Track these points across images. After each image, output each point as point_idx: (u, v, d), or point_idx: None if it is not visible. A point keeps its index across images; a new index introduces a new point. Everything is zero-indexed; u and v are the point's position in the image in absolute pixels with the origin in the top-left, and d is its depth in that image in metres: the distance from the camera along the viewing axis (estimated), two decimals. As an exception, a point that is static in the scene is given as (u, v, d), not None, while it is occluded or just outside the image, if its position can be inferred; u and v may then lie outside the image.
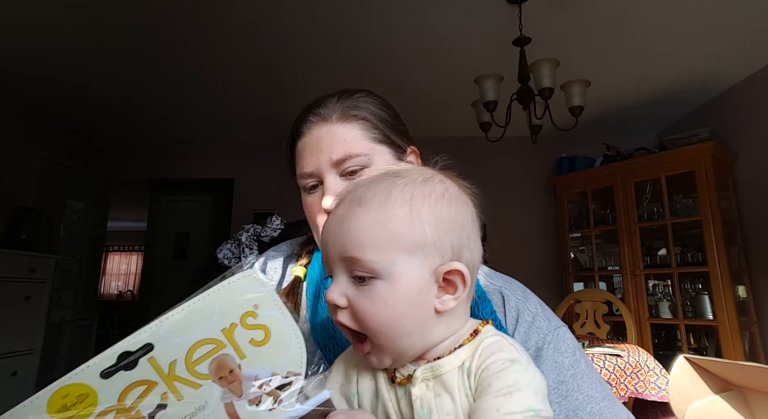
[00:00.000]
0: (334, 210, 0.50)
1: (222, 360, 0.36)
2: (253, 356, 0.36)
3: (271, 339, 0.37)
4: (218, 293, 0.35)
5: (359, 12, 2.47)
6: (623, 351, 1.86)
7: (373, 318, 0.45)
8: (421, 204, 0.48)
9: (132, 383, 0.33)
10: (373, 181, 0.50)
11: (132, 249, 9.49)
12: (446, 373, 0.45)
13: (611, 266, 3.68)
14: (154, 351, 0.34)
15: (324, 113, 0.71)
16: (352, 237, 0.46)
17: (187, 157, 4.49)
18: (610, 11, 2.43)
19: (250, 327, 0.36)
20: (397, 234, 0.46)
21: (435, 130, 4.01)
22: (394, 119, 0.75)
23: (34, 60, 3.00)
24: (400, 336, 0.46)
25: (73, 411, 0.32)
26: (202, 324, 0.35)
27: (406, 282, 0.45)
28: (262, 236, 0.93)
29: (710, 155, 3.09)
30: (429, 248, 0.46)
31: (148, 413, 0.33)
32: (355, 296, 0.45)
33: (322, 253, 0.50)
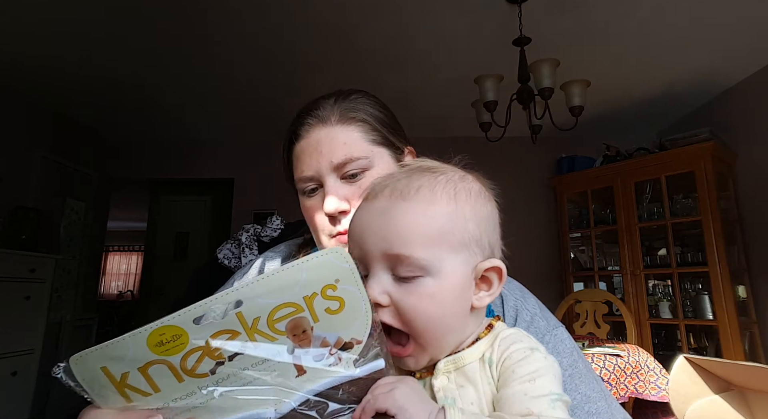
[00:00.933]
0: (368, 203, 0.48)
1: (298, 321, 0.40)
2: (326, 321, 0.40)
3: (344, 309, 0.40)
4: (307, 264, 0.39)
5: (359, 12, 2.47)
6: (623, 351, 1.86)
7: (421, 316, 0.44)
8: (464, 201, 0.48)
9: (219, 330, 0.38)
10: (411, 174, 0.49)
11: (132, 249, 9.49)
12: (468, 365, 0.46)
13: (611, 266, 3.68)
14: (242, 307, 0.38)
15: (322, 115, 0.70)
16: (400, 233, 0.44)
17: (187, 157, 4.49)
18: (610, 11, 2.43)
19: (328, 297, 0.40)
20: (445, 231, 0.46)
21: (435, 130, 4.01)
22: (391, 119, 0.75)
23: (34, 60, 3.00)
24: (446, 333, 0.46)
25: (167, 346, 0.37)
26: (287, 290, 0.39)
27: (452, 279, 0.46)
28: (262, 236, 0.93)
29: (710, 155, 3.09)
30: (472, 245, 0.47)
31: (228, 355, 0.38)
32: (400, 294, 0.44)
33: (355, 248, 0.48)
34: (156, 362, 0.37)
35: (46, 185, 3.64)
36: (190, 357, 0.38)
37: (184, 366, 0.38)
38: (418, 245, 0.44)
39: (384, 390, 0.41)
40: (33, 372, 3.07)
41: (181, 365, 0.38)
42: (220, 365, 0.38)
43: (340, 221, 0.67)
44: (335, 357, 0.41)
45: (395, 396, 0.40)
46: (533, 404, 0.40)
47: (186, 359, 0.38)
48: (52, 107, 3.71)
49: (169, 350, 0.37)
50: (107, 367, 0.37)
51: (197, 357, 0.38)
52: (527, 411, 0.40)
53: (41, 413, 3.42)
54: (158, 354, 0.37)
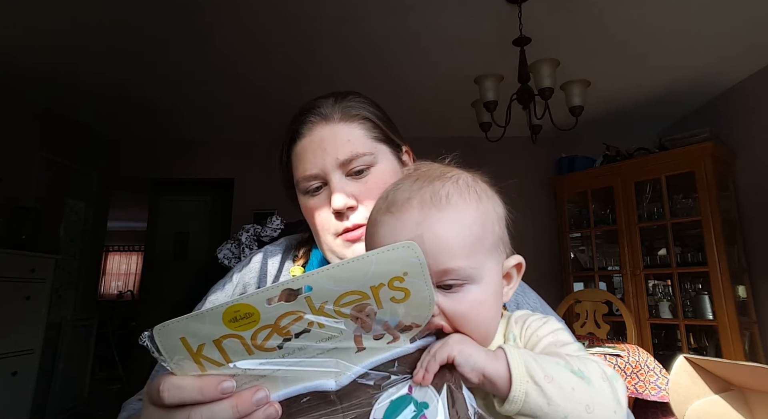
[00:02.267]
0: (395, 216, 0.47)
1: (363, 307, 0.41)
2: (389, 308, 0.42)
3: (409, 299, 0.42)
4: (378, 257, 0.40)
5: (359, 12, 2.47)
6: (623, 351, 1.86)
7: (473, 323, 0.45)
8: (487, 203, 0.49)
9: (288, 311, 0.40)
10: (433, 181, 0.48)
11: (132, 249, 9.49)
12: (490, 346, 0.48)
13: (611, 266, 3.68)
14: (312, 292, 0.40)
15: (325, 113, 0.70)
16: (443, 247, 0.44)
17: (187, 157, 4.49)
18: (610, 11, 2.43)
19: (395, 288, 0.41)
20: (480, 236, 0.47)
21: (435, 130, 4.01)
22: (388, 118, 0.75)
23: (34, 60, 3.00)
24: (492, 330, 0.48)
25: (240, 323, 0.40)
26: (356, 279, 0.40)
27: (492, 281, 0.47)
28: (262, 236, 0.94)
29: (710, 155, 3.09)
30: (500, 245, 0.49)
31: (295, 333, 0.41)
32: (448, 303, 0.45)
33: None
34: (229, 336, 0.40)
35: (46, 185, 3.64)
36: (261, 333, 0.40)
37: (255, 341, 0.41)
38: (461, 255, 0.45)
39: (439, 345, 0.43)
40: (33, 372, 3.07)
41: (252, 340, 0.41)
42: (287, 341, 0.41)
43: (348, 217, 0.67)
44: (391, 335, 0.43)
45: (451, 343, 0.42)
46: (565, 349, 0.45)
47: (257, 335, 0.40)
48: (52, 106, 3.71)
49: (242, 326, 0.40)
50: (185, 338, 0.40)
51: (267, 333, 0.40)
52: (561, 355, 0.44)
53: (41, 413, 3.42)
54: (232, 328, 0.40)
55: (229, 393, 0.40)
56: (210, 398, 0.40)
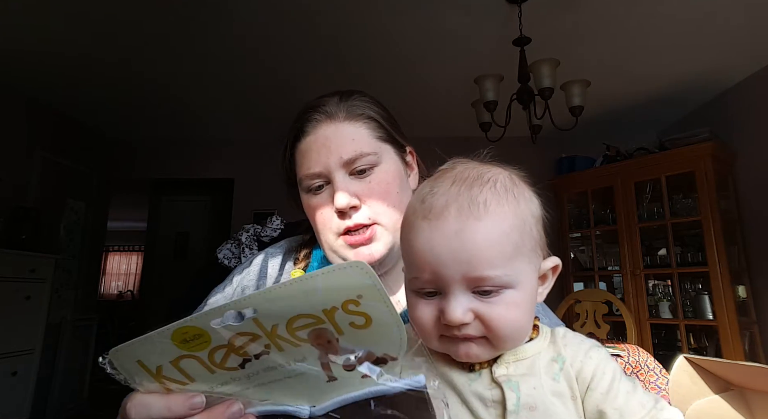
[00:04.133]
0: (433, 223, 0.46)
1: (321, 331, 0.39)
2: (352, 335, 0.39)
3: (372, 325, 0.39)
4: (324, 276, 0.36)
5: (359, 12, 2.47)
6: (623, 351, 1.86)
7: (509, 325, 0.45)
8: (525, 207, 0.49)
9: (239, 332, 0.38)
10: (471, 186, 0.48)
11: (132, 249, 9.49)
12: (528, 358, 0.48)
13: (611, 266, 3.68)
14: (257, 313, 0.37)
15: (330, 112, 0.69)
16: (481, 256, 0.44)
17: (187, 157, 4.49)
18: (610, 11, 2.43)
19: (351, 312, 0.38)
20: (519, 244, 0.46)
21: (435, 130, 4.01)
22: (392, 118, 0.75)
23: (35, 60, 3.00)
24: (525, 333, 0.48)
25: (192, 343, 0.38)
26: (303, 300, 0.37)
27: (529, 285, 0.48)
28: (262, 236, 0.93)
29: (710, 155, 3.09)
30: (537, 249, 0.49)
31: (254, 354, 0.39)
32: (485, 309, 0.45)
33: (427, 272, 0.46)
34: (185, 356, 0.39)
35: (46, 185, 3.64)
36: (217, 353, 0.39)
37: (213, 360, 0.39)
38: (499, 264, 0.45)
39: None
40: (33, 372, 3.07)
41: (209, 359, 0.39)
42: (248, 361, 0.39)
43: (351, 217, 0.67)
44: (366, 368, 0.40)
45: None
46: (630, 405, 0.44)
47: (213, 354, 0.39)
48: (52, 106, 3.71)
49: (195, 347, 0.38)
50: (142, 360, 0.39)
51: (223, 353, 0.39)
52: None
53: (41, 413, 3.42)
54: (185, 349, 0.38)
55: (198, 409, 0.39)
56: (178, 414, 0.39)
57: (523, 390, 0.45)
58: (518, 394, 0.45)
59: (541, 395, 0.45)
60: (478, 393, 0.46)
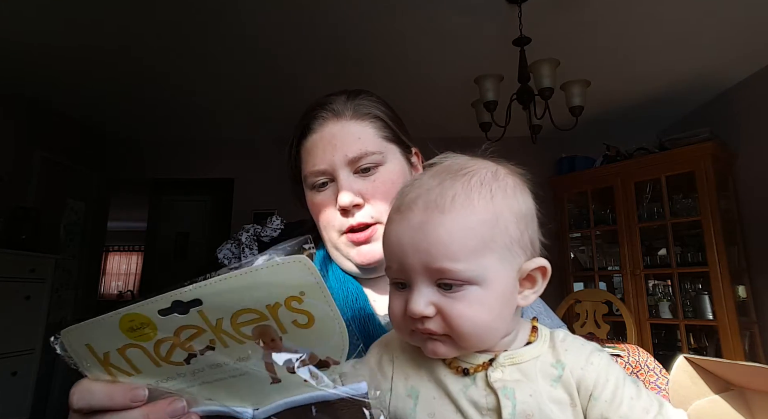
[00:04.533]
0: (402, 215, 0.47)
1: (264, 329, 0.38)
2: (295, 334, 0.39)
3: (314, 325, 0.38)
4: (267, 270, 0.36)
5: (359, 12, 2.47)
6: (623, 351, 1.86)
7: (468, 323, 0.44)
8: (501, 203, 0.47)
9: (184, 325, 0.37)
10: (444, 181, 0.47)
11: (132, 249, 9.48)
12: (525, 363, 0.46)
13: (611, 266, 3.68)
14: (203, 306, 0.37)
15: (337, 110, 0.69)
16: (442, 248, 0.44)
17: (187, 157, 4.49)
18: (610, 11, 2.43)
19: (294, 310, 0.38)
20: (487, 239, 0.45)
21: (435, 130, 4.01)
22: (399, 118, 0.75)
23: (35, 60, 3.00)
24: (492, 336, 0.46)
25: (138, 332, 0.37)
26: (246, 294, 0.37)
27: (499, 284, 0.45)
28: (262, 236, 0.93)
29: (710, 155, 3.09)
30: (514, 247, 0.46)
31: (199, 349, 0.38)
32: (446, 303, 0.44)
33: (393, 262, 0.47)
34: (131, 345, 0.38)
35: (46, 185, 3.64)
36: (162, 345, 0.38)
37: (158, 353, 0.38)
38: (461, 257, 0.44)
39: None
40: (33, 372, 3.07)
41: (155, 351, 0.38)
42: (193, 357, 0.39)
43: (354, 215, 0.67)
44: (308, 371, 0.40)
45: None
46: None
47: (159, 346, 0.38)
48: (52, 106, 3.71)
49: (141, 336, 0.37)
50: (91, 345, 0.38)
51: (169, 346, 0.38)
52: None
53: (41, 413, 3.42)
54: (131, 338, 0.38)
55: (140, 402, 0.39)
56: (119, 405, 0.39)
57: (519, 398, 0.44)
58: (514, 402, 0.44)
59: (537, 402, 0.44)
60: (473, 401, 0.45)
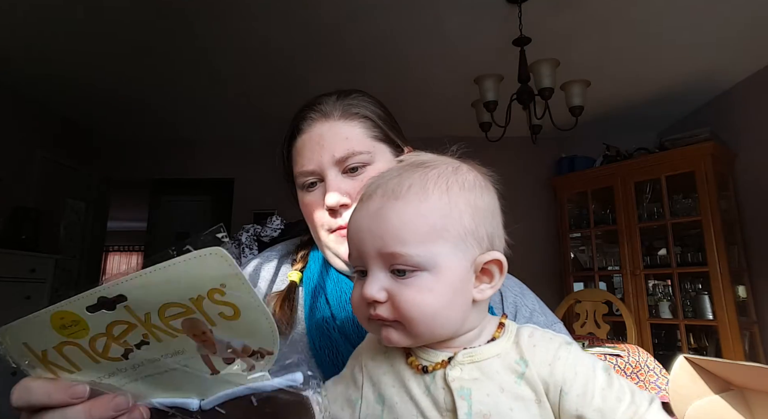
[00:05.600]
0: (363, 204, 0.48)
1: (194, 322, 0.38)
2: (224, 326, 0.38)
3: (241, 316, 0.38)
4: (184, 263, 0.35)
5: (360, 12, 2.47)
6: (623, 351, 1.86)
7: (417, 308, 0.44)
8: (457, 194, 0.47)
9: (114, 320, 0.37)
10: (403, 172, 0.49)
11: (132, 249, 9.48)
12: (485, 360, 0.46)
13: (611, 266, 3.68)
14: (128, 301, 0.36)
15: (326, 110, 0.70)
16: (393, 232, 0.45)
17: (187, 157, 4.49)
18: (610, 11, 2.43)
19: (218, 302, 0.37)
20: (439, 227, 0.46)
21: (435, 130, 4.00)
22: (391, 118, 0.75)
23: (35, 60, 3.00)
24: (442, 325, 0.46)
25: (71, 330, 0.37)
26: (168, 288, 0.36)
27: (450, 273, 0.46)
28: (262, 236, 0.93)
29: (710, 155, 3.09)
30: (468, 238, 0.47)
31: (134, 344, 0.38)
32: (397, 289, 0.45)
33: (353, 249, 0.48)
34: (67, 343, 0.38)
35: (46, 185, 3.64)
36: (97, 341, 0.38)
37: (95, 349, 0.38)
38: (411, 242, 0.44)
39: None
40: (33, 372, 3.07)
41: (91, 348, 0.38)
42: (130, 352, 0.38)
43: (341, 215, 0.67)
44: (245, 362, 0.40)
45: None
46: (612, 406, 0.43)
47: (94, 343, 0.38)
48: (52, 106, 3.71)
49: (74, 333, 0.37)
50: (28, 344, 0.38)
51: (104, 342, 0.38)
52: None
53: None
54: (65, 336, 0.37)
55: (80, 398, 0.39)
56: (58, 402, 0.38)
57: (476, 398, 0.43)
58: (469, 402, 0.43)
59: (495, 401, 0.43)
60: (434, 400, 0.45)
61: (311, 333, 0.66)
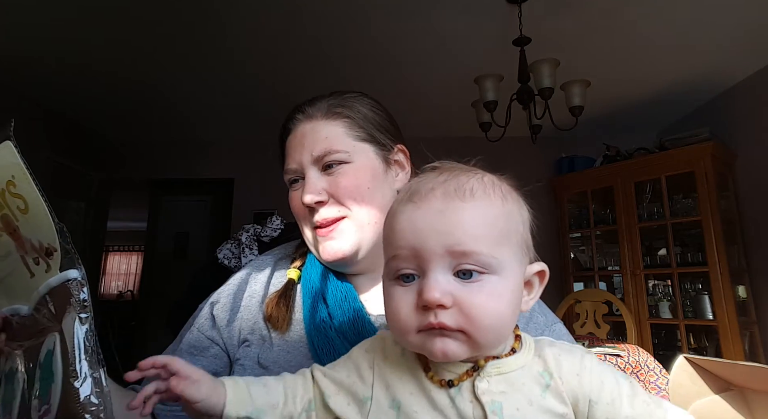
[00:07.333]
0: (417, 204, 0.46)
1: (6, 217, 0.38)
2: (24, 222, 0.39)
3: (29, 210, 0.38)
4: None
5: (359, 13, 2.47)
6: (623, 351, 1.86)
7: (488, 314, 0.42)
8: (512, 204, 0.48)
9: None
10: (458, 175, 0.47)
11: (132, 249, 9.48)
12: (511, 372, 0.45)
13: (611, 266, 3.68)
14: None
15: (310, 111, 0.73)
16: (467, 230, 0.43)
17: (187, 157, 4.49)
18: (611, 11, 2.43)
19: (13, 195, 0.38)
20: (505, 232, 0.45)
21: (435, 130, 4.01)
22: (382, 119, 0.77)
23: (35, 60, 3.00)
24: (505, 335, 0.46)
25: None
26: None
27: (514, 278, 0.45)
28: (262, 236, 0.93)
29: (710, 155, 3.09)
30: (523, 247, 0.47)
31: None
32: (464, 293, 0.42)
33: (404, 249, 0.45)
34: None
35: (46, 185, 3.62)
36: None
37: None
38: (485, 242, 0.43)
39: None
40: (33, 372, 3.07)
41: None
42: None
43: (318, 211, 0.70)
44: (45, 262, 0.40)
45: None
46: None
47: None
48: (52, 107, 3.71)
49: None
50: None
51: None
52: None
53: (41, 413, 3.42)
54: None
55: None
56: None
57: (507, 412, 0.42)
58: (501, 416, 0.42)
59: (525, 415, 0.43)
60: (460, 413, 0.43)
61: (310, 334, 0.66)
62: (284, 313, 0.69)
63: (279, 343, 0.68)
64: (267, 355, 0.67)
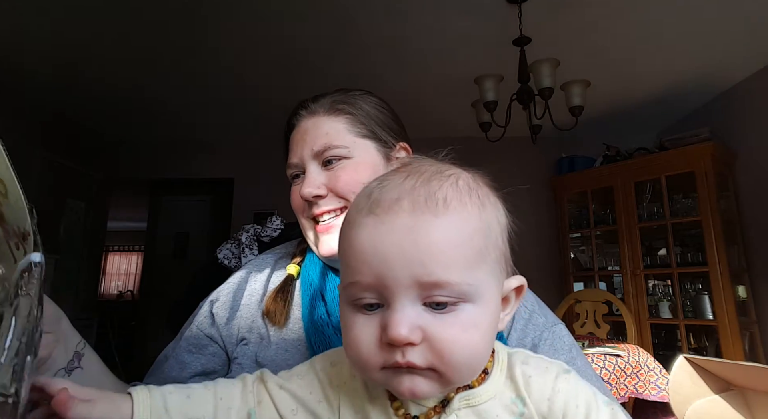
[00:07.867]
0: (381, 217, 0.39)
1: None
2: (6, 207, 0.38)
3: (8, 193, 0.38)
4: None
5: (360, 13, 2.47)
6: (623, 351, 1.86)
7: (461, 349, 0.37)
8: (491, 212, 0.42)
9: None
10: (429, 180, 0.41)
11: (132, 249, 9.49)
12: (482, 404, 0.40)
13: (611, 266, 3.68)
14: None
15: (313, 107, 0.74)
16: (439, 257, 0.37)
17: (187, 157, 4.49)
18: (610, 11, 2.43)
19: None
20: (483, 251, 0.39)
21: (435, 130, 4.00)
22: (386, 116, 0.77)
23: (35, 60, 3.00)
24: (479, 367, 0.40)
25: None
26: None
27: (492, 302, 0.40)
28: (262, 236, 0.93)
29: (710, 155, 3.09)
30: (501, 262, 0.42)
31: None
32: (435, 326, 0.37)
33: (366, 275, 0.38)
34: None
35: (46, 185, 3.64)
36: None
37: None
38: (459, 268, 0.37)
39: None
40: (33, 372, 3.06)
41: None
42: None
43: (318, 204, 0.71)
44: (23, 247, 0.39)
45: None
46: None
47: None
48: (52, 106, 3.71)
49: None
50: None
51: None
52: None
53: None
54: None
55: None
56: None
57: None
58: None
59: None
60: None
61: (308, 331, 0.67)
62: (282, 308, 0.70)
63: (277, 341, 0.68)
64: (264, 353, 0.67)
